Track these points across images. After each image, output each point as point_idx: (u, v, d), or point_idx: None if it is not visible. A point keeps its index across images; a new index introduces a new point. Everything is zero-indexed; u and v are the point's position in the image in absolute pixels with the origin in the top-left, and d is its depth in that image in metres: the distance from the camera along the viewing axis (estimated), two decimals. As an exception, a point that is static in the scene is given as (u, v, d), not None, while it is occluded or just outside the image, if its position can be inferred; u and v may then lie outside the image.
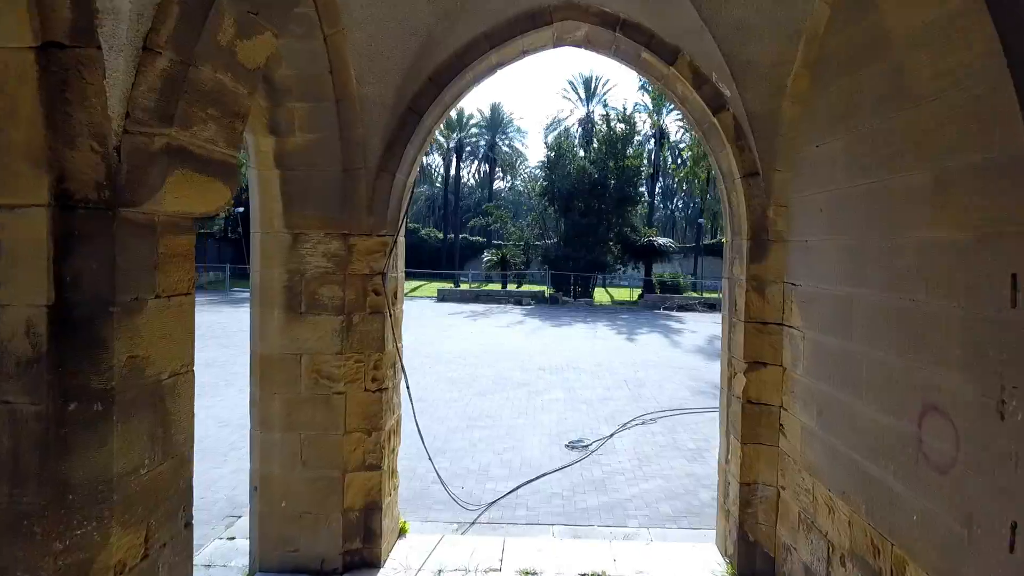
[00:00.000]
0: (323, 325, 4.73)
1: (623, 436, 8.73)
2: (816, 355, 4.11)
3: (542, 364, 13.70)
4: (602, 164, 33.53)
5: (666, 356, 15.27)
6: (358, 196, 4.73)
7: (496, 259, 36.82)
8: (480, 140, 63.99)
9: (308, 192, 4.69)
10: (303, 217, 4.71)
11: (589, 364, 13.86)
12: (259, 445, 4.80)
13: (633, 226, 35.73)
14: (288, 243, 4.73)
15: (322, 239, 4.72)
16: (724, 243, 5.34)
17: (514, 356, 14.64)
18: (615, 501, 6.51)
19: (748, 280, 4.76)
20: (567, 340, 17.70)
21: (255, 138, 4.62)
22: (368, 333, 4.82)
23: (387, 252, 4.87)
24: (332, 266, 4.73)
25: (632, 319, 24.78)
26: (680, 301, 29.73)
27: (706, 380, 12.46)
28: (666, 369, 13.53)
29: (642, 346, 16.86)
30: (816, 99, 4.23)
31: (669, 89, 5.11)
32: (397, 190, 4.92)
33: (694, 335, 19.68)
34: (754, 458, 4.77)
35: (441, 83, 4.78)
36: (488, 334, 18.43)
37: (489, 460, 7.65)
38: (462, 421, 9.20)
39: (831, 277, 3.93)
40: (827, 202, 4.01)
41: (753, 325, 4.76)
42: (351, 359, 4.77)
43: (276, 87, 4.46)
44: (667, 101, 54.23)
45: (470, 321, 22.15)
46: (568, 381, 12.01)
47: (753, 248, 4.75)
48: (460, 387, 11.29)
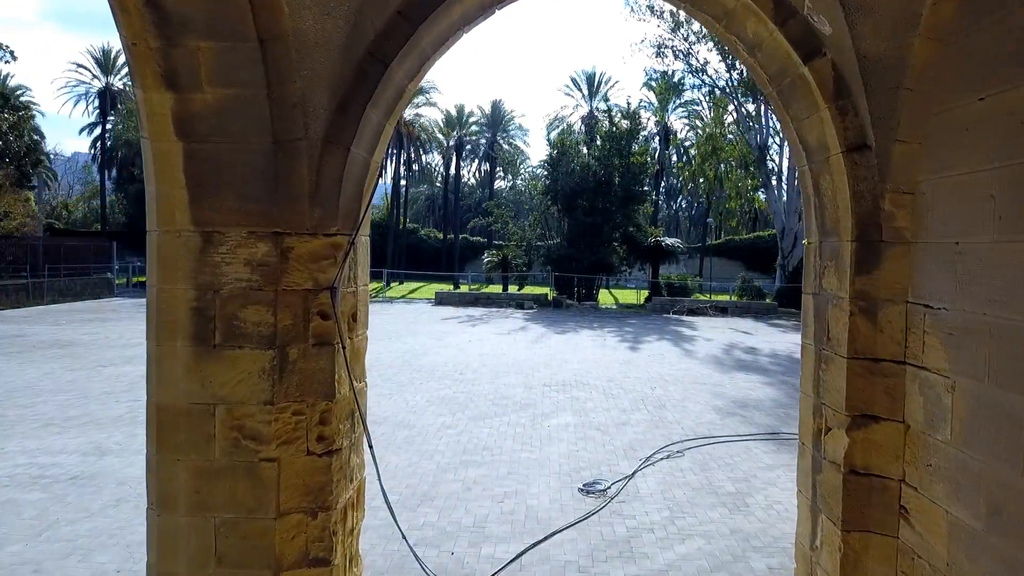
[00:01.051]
0: (246, 363, 3.32)
1: (647, 474, 7.31)
2: (982, 417, 2.69)
3: (547, 379, 12.27)
4: (607, 161, 32.12)
5: (683, 369, 13.84)
6: (296, 179, 3.31)
7: (497, 260, 35.40)
8: (480, 138, 62.65)
9: (224, 173, 3.28)
10: (217, 210, 3.30)
11: (599, 379, 12.43)
12: (157, 533, 3.38)
13: (639, 225, 34.31)
14: (196, 246, 3.31)
15: (245, 241, 3.31)
16: (806, 245, 3.93)
17: (516, 369, 13.22)
18: (647, 574, 5.09)
19: (852, 298, 3.34)
20: (573, 350, 16.28)
21: (144, 94, 3.20)
22: (311, 373, 3.41)
23: (340, 259, 3.46)
24: (259, 279, 3.32)
25: (640, 324, 23.36)
26: (690, 304, 28.30)
27: (732, 398, 11.04)
28: (686, 385, 12.10)
29: (655, 357, 15.43)
30: (974, 31, 2.81)
31: (733, 33, 3.69)
32: (355, 171, 3.51)
33: (709, 343, 18.25)
34: (861, 552, 3.35)
35: (415, 18, 3.36)
36: (487, 343, 17.00)
37: (487, 511, 6.22)
38: (455, 455, 7.78)
39: (1014, 300, 2.51)
40: (1003, 183, 2.59)
41: (859, 363, 3.34)
42: (286, 411, 3.36)
43: (168, 15, 3.04)
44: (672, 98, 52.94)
45: (468, 327, 20.72)
46: (577, 401, 10.58)
47: (860, 253, 3.33)
48: (454, 409, 9.87)
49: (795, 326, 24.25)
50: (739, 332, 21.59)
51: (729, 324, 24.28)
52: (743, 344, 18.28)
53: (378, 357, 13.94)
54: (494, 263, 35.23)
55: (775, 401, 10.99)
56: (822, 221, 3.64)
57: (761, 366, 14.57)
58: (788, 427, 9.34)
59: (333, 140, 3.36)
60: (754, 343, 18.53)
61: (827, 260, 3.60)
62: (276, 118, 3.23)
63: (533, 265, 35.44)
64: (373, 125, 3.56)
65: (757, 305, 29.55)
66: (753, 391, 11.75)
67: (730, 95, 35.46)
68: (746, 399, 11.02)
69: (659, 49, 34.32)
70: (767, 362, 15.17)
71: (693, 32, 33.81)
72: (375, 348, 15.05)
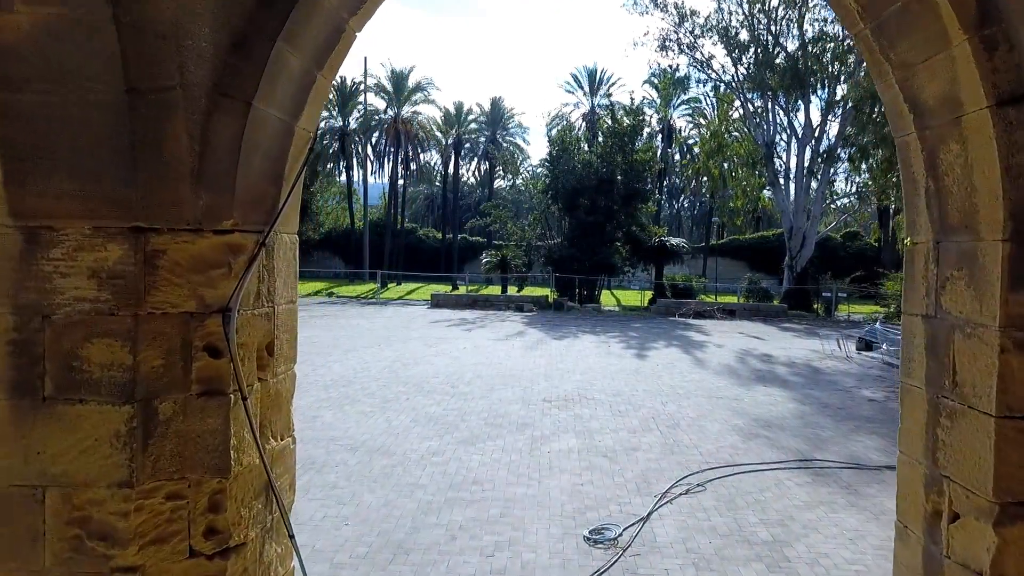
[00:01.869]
0: (92, 425, 2.21)
1: (664, 515, 6.19)
2: None
3: (547, 393, 11.16)
4: (609, 158, 31.00)
5: (695, 380, 12.72)
6: (168, 147, 2.20)
7: (495, 261, 34.30)
8: (480, 136, 61.57)
9: (54, 139, 2.17)
10: (46, 194, 2.18)
11: (605, 393, 11.31)
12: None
13: (642, 225, 33.20)
14: (15, 249, 2.20)
15: (88, 240, 2.20)
16: (908, 247, 2.81)
17: (513, 381, 12.10)
18: (673, 666, 3.99)
19: (1002, 327, 2.22)
20: (575, 357, 15.17)
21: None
22: (195, 438, 2.30)
23: (240, 267, 2.35)
24: (110, 297, 2.21)
25: (645, 328, 22.25)
26: (696, 307, 27.17)
27: (753, 415, 9.92)
28: (700, 399, 10.98)
29: (664, 366, 14.31)
30: None
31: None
32: (264, 137, 2.40)
33: (720, 350, 17.13)
34: None
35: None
36: (483, 350, 15.89)
37: (473, 569, 5.11)
38: (440, 491, 6.66)
39: None
40: None
41: (1014, 424, 2.23)
42: (155, 495, 2.25)
43: None
44: (676, 94, 51.79)
45: (463, 332, 19.61)
46: (581, 420, 9.47)
47: (1016, 258, 2.22)
48: (443, 431, 8.75)
49: (807, 330, 23.15)
50: (750, 337, 20.48)
51: (738, 328, 23.16)
52: (756, 351, 17.17)
53: (366, 368, 12.83)
54: (492, 264, 34.12)
55: (801, 419, 9.87)
56: (942, 211, 2.52)
57: (779, 377, 13.45)
58: (821, 452, 8.22)
59: (226, 91, 2.25)
60: (768, 350, 17.41)
61: (951, 269, 2.48)
62: (132, 55, 2.12)
63: (533, 266, 34.33)
64: (293, 73, 2.45)
65: (766, 307, 28.45)
66: (775, 407, 10.63)
67: (736, 91, 34.36)
68: (769, 417, 9.91)
69: (663, 43, 33.23)
70: (785, 372, 14.05)
71: (699, 25, 32.74)
72: (363, 357, 13.92)
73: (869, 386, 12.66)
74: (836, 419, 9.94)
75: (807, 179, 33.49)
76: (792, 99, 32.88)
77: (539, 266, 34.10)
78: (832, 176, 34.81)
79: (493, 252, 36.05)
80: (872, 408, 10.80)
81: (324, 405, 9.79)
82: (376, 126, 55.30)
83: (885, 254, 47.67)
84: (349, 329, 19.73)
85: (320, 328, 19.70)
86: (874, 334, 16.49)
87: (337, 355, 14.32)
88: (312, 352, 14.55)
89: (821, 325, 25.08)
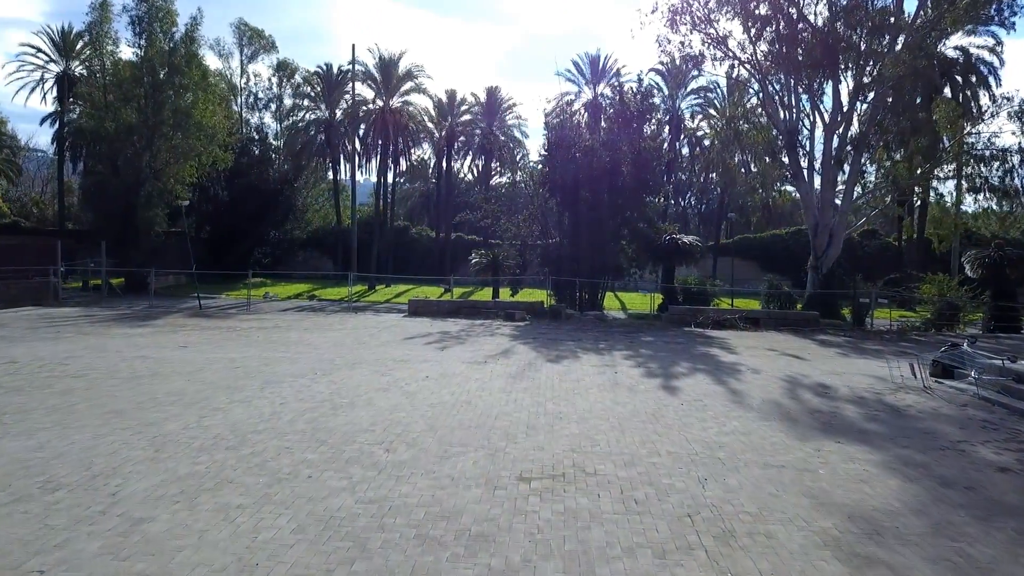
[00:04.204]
0: None
1: None
2: None
3: (527, 463, 7.51)
4: (614, 147, 27.36)
5: (739, 431, 9.08)
6: None
7: (486, 261, 30.69)
8: (475, 128, 57.88)
9: None
10: None
11: (613, 460, 7.67)
12: None
13: (651, 220, 29.56)
14: None
15: None
16: None
17: (480, 437, 8.47)
18: None
19: None
20: (571, 390, 11.55)
21: None
22: None
23: None
24: None
25: (659, 343, 18.61)
26: (715, 316, 23.51)
27: (846, 508, 6.26)
28: (755, 472, 7.34)
29: (692, 405, 10.68)
30: None
31: None
32: None
33: (758, 377, 13.48)
34: None
35: None
36: (451, 380, 12.25)
37: None
38: None
39: None
40: None
41: None
42: None
43: None
44: (688, 79, 48.06)
45: (435, 352, 15.95)
46: (576, 524, 5.83)
47: None
48: (334, 561, 5.13)
49: (849, 344, 19.47)
50: (787, 356, 16.83)
51: (768, 342, 19.51)
52: (804, 378, 13.52)
53: (277, 413, 9.16)
54: (482, 264, 30.52)
55: (922, 514, 6.21)
56: None
57: (851, 423, 9.79)
58: (1004, 612, 4.60)
59: None
60: (818, 376, 13.76)
61: None
62: None
63: (528, 267, 30.70)
64: None
65: (794, 316, 24.78)
66: (869, 484, 7.00)
67: (755, 71, 30.69)
68: (870, 511, 6.26)
69: (673, 17, 29.53)
70: (856, 414, 10.38)
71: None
72: (283, 394, 9.98)
73: (981, 438, 9.02)
74: (973, 511, 6.31)
75: (834, 169, 29.81)
76: (819, 79, 29.23)
77: (535, 267, 30.49)
78: (863, 166, 31.16)
79: (483, 252, 32.42)
80: (1010, 484, 7.17)
81: (171, 494, 6.15)
82: (364, 117, 51.69)
83: (909, 253, 43.82)
84: (293, 346, 16.06)
85: (256, 345, 16.07)
86: (956, 357, 12.82)
87: (251, 390, 10.70)
88: (218, 385, 10.93)
89: (863, 337, 21.42)
